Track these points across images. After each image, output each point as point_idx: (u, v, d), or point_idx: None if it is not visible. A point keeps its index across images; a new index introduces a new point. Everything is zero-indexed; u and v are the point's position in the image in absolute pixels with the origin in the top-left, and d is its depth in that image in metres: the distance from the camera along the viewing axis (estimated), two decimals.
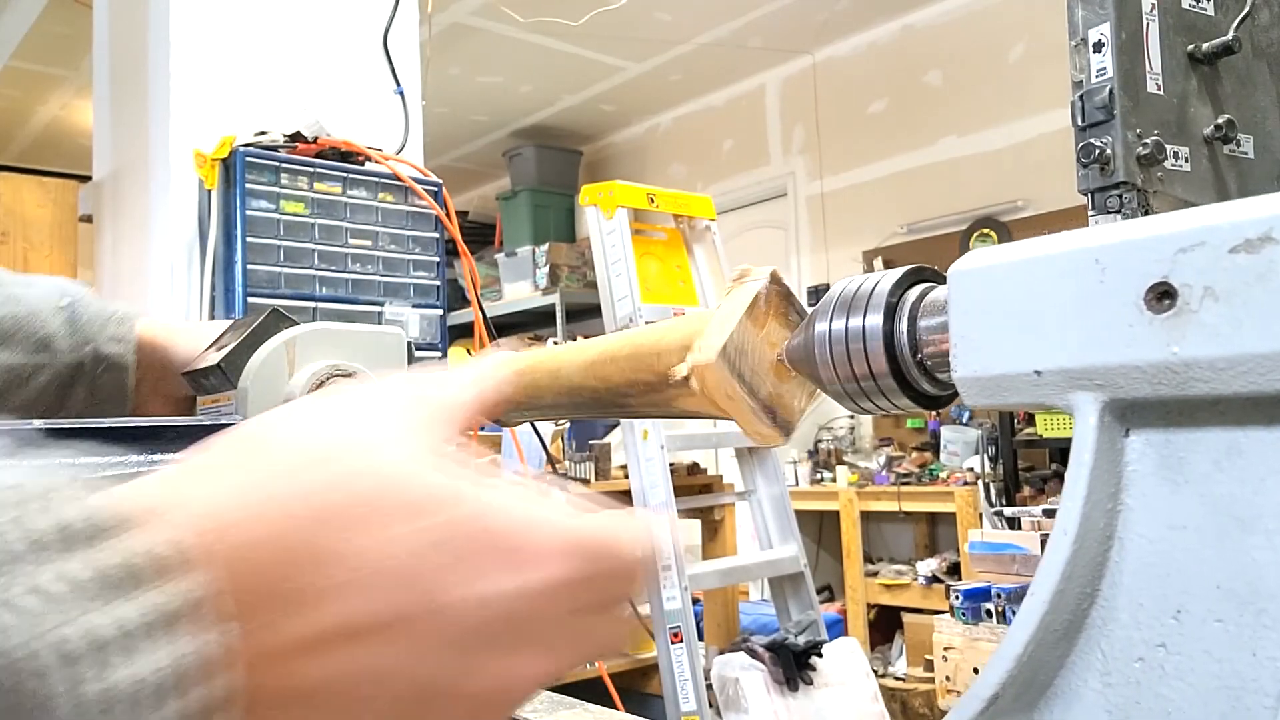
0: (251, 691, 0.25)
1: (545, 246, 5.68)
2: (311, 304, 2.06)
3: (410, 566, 0.28)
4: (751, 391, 0.44)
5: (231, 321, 0.83)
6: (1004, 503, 4.17)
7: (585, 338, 0.58)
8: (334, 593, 0.27)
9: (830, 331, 0.42)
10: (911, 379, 0.41)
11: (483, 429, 0.56)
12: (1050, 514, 3.14)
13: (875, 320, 0.41)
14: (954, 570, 4.35)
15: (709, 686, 2.92)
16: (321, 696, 0.27)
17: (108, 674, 0.21)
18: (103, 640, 0.21)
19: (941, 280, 0.41)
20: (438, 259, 2.25)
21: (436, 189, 2.23)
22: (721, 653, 3.06)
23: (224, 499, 0.26)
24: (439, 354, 2.23)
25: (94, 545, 0.22)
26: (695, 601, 3.31)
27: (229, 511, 0.26)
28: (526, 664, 0.30)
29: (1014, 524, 3.22)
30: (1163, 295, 0.32)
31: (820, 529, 5.31)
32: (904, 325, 0.40)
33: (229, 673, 0.24)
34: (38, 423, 0.36)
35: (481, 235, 6.67)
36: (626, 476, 3.05)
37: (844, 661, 2.98)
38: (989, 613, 2.93)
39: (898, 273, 0.42)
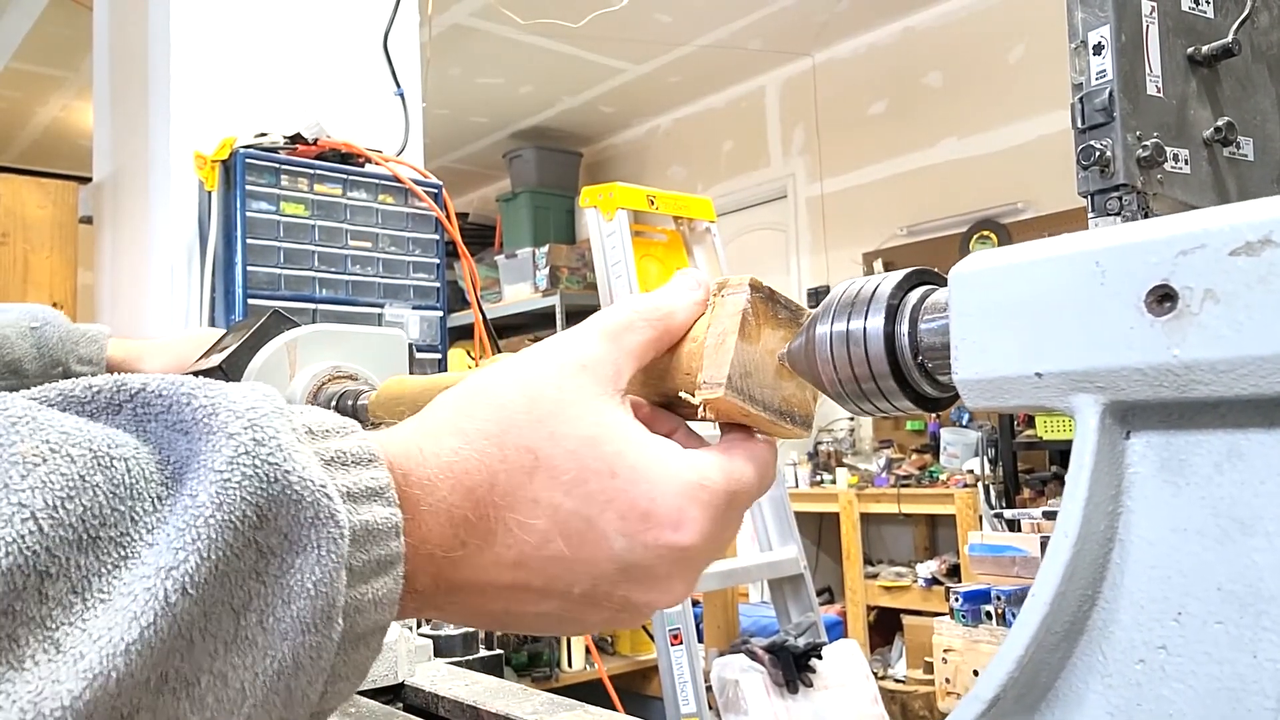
0: (429, 571, 0.36)
1: (545, 248, 5.67)
2: (311, 306, 2.06)
3: (584, 517, 0.37)
4: (765, 405, 0.44)
5: (203, 329, 0.83)
6: (1004, 505, 4.17)
7: None
8: (516, 527, 0.37)
9: (831, 334, 0.42)
10: (912, 381, 0.41)
11: None
12: (1050, 516, 3.14)
13: (876, 322, 0.41)
14: (954, 572, 4.35)
15: (708, 688, 2.91)
16: (479, 596, 0.37)
17: (357, 510, 0.32)
18: (353, 492, 0.33)
19: (942, 282, 0.41)
20: (438, 260, 2.25)
21: (436, 190, 2.23)
22: (721, 655, 3.06)
23: (438, 459, 0.37)
24: (439, 355, 2.23)
25: (339, 437, 0.34)
26: (695, 603, 3.31)
27: (457, 472, 0.36)
28: (659, 597, 0.40)
29: (1014, 526, 3.22)
30: (1163, 298, 0.32)
31: (820, 531, 5.31)
32: (905, 327, 0.40)
33: (400, 540, 0.34)
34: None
35: (481, 237, 6.67)
36: None
37: (844, 664, 2.97)
38: (989, 615, 2.93)
39: (898, 275, 0.42)
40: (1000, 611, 2.88)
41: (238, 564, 0.29)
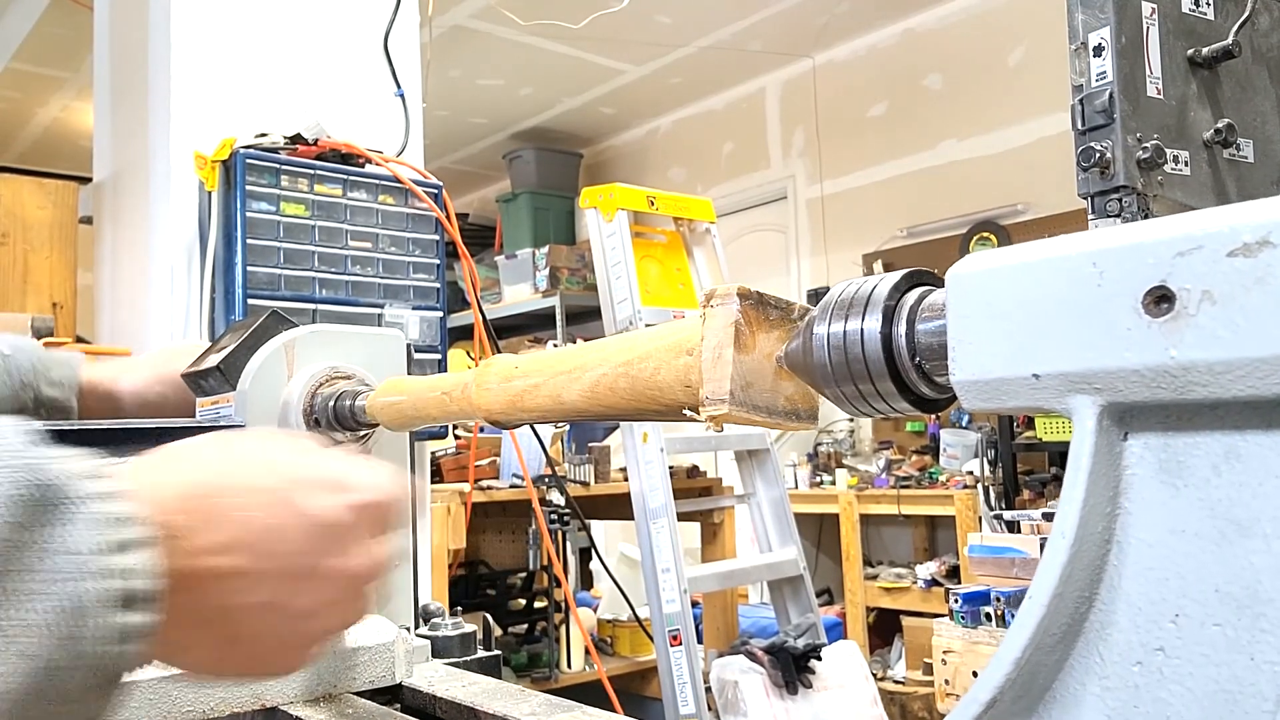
0: (171, 563, 0.41)
1: (545, 249, 5.67)
2: (311, 306, 2.06)
3: (282, 492, 0.46)
4: (769, 411, 0.44)
5: (184, 342, 0.84)
6: (1003, 506, 4.17)
7: (585, 340, 0.58)
8: (229, 509, 0.45)
9: (828, 335, 0.42)
10: (910, 382, 0.41)
11: (482, 430, 0.61)
12: (1050, 517, 3.13)
13: (873, 323, 0.41)
14: (953, 574, 4.35)
15: (708, 690, 2.91)
16: (223, 579, 0.44)
17: (99, 504, 0.39)
18: (96, 493, 0.40)
19: (939, 283, 0.41)
20: (438, 261, 2.25)
21: (437, 191, 2.23)
22: (720, 656, 3.06)
23: (172, 476, 0.45)
24: (439, 356, 2.22)
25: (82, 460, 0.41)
26: (694, 604, 3.31)
27: (172, 481, 0.45)
28: (362, 559, 0.47)
29: (1013, 527, 3.22)
30: (1161, 299, 0.32)
31: (820, 532, 5.31)
32: (902, 329, 0.40)
33: (149, 527, 0.41)
34: (38, 424, 0.41)
35: (482, 237, 6.67)
36: (626, 479, 3.05)
37: (843, 665, 2.97)
38: (988, 616, 2.93)
39: (895, 276, 0.41)
40: (1000, 613, 2.88)
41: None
